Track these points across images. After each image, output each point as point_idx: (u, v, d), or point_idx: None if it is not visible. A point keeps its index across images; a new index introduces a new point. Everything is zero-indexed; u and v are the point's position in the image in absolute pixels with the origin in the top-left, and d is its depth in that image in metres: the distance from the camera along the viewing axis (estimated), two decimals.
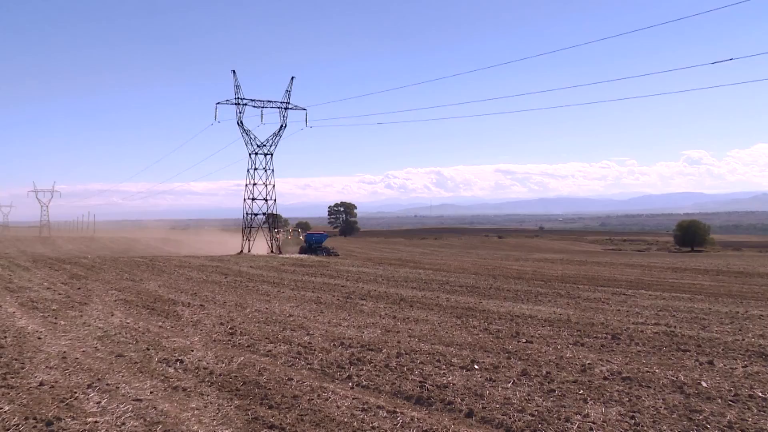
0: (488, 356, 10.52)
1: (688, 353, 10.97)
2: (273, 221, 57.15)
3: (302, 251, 49.25)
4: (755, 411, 7.62)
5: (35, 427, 6.79)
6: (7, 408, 7.45)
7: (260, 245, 53.95)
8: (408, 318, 14.86)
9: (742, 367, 9.95)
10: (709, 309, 16.97)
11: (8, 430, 6.74)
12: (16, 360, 9.97)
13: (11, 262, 33.61)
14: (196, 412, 7.41)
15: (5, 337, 12.00)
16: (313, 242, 50.74)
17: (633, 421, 7.16)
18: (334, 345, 11.45)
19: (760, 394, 8.32)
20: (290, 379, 8.91)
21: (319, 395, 8.12)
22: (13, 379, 8.77)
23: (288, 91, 55.63)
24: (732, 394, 8.30)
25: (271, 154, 56.08)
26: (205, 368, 9.56)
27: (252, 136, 55.53)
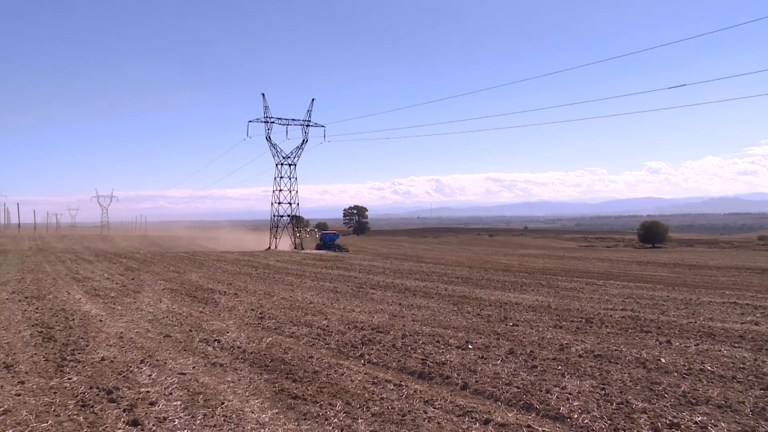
0: (480, 337, 10.52)
1: (649, 334, 10.93)
2: (296, 222, 57.18)
3: (318, 247, 49.71)
4: (705, 382, 7.61)
5: (98, 395, 6.85)
6: (75, 378, 7.54)
7: (284, 242, 54.05)
8: (412, 305, 14.85)
9: (695, 345, 9.92)
10: (668, 296, 16.90)
11: (77, 396, 6.81)
12: (81, 338, 10.06)
13: (77, 257, 33.86)
14: (231, 384, 7.44)
15: (73, 319, 12.11)
16: (327, 240, 51.11)
17: (603, 392, 7.15)
18: (349, 328, 11.46)
19: (709, 368, 8.30)
20: (311, 357, 8.94)
21: (335, 370, 8.13)
22: (80, 355, 8.86)
23: (309, 111, 55.69)
24: (686, 368, 8.28)
25: (295, 165, 56.12)
26: (238, 347, 9.60)
27: (278, 149, 55.59)
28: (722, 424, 6.10)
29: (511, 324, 12.01)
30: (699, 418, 6.23)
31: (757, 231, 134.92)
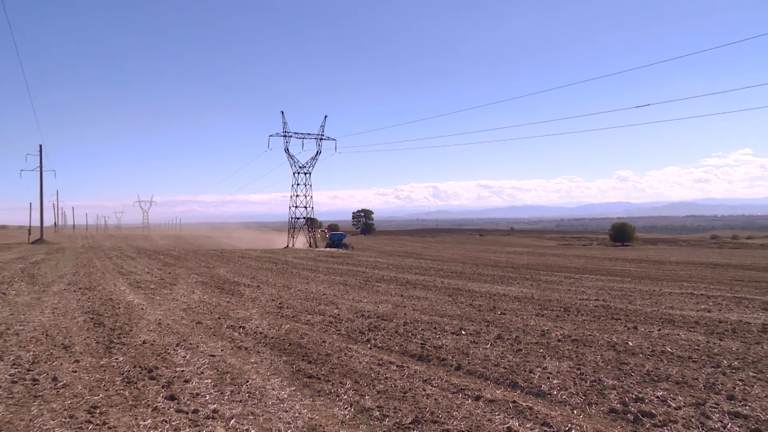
0: (472, 325, 10.53)
1: (619, 321, 10.93)
2: (310, 224, 57.21)
3: (327, 246, 49.87)
4: (666, 362, 7.63)
5: (140, 373, 6.90)
6: (121, 359, 7.60)
7: (300, 241, 54.10)
8: (412, 296, 14.87)
9: (657, 330, 9.92)
10: (634, 288, 16.86)
11: (123, 374, 6.86)
12: (126, 324, 10.13)
13: (122, 254, 34.02)
14: (254, 365, 7.48)
15: (119, 307, 12.19)
16: (335, 239, 51.23)
17: (579, 371, 7.16)
18: (357, 316, 11.49)
19: (669, 349, 8.31)
20: (324, 342, 8.97)
21: (345, 353, 8.16)
22: (125, 338, 8.92)
23: (322, 126, 55.75)
24: (650, 350, 8.29)
25: (310, 173, 56.12)
26: (260, 333, 9.64)
27: (295, 160, 55.63)
28: (679, 397, 6.11)
29: (499, 313, 12.02)
30: (660, 393, 6.24)
31: (710, 231, 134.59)
